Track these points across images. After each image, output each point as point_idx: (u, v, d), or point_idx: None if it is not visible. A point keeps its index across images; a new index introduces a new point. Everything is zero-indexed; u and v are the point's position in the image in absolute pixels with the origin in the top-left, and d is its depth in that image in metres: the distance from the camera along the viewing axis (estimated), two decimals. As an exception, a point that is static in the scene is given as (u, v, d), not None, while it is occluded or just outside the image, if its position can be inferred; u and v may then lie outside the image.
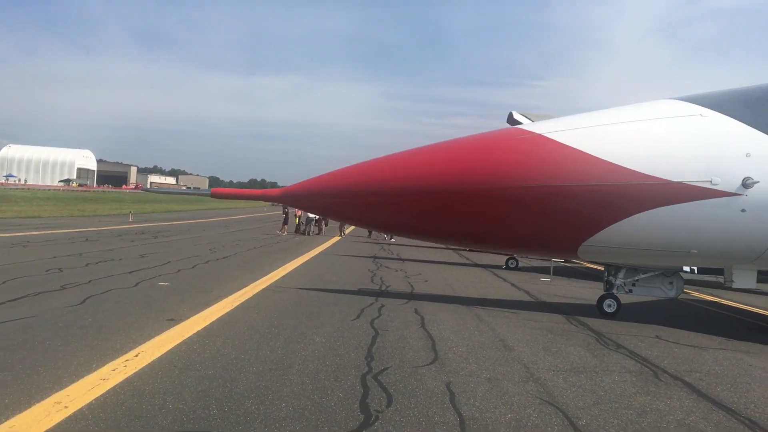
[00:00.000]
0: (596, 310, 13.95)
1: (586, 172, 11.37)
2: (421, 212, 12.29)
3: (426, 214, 12.27)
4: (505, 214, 11.87)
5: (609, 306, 13.84)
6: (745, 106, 11.79)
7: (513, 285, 19.17)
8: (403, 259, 25.98)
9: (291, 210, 40.80)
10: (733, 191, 11.09)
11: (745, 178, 11.04)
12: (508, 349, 9.76)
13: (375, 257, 26.22)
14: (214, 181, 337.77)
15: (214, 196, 14.98)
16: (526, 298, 16.48)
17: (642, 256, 12.67)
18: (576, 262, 28.14)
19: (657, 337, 11.73)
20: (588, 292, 18.29)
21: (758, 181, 11.02)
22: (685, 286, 14.68)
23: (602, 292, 14.22)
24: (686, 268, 14.06)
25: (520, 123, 13.95)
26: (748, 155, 11.15)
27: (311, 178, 13.40)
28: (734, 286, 13.13)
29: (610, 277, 14.13)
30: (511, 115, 13.91)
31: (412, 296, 15.08)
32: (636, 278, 13.94)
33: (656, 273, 13.85)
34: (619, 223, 11.45)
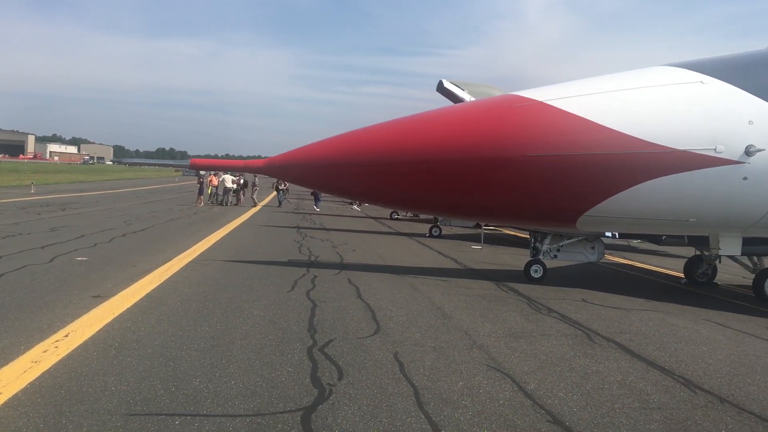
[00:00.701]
0: (524, 276, 14.30)
1: (591, 141, 10.93)
2: (426, 182, 11.75)
3: (430, 184, 11.77)
4: (507, 184, 11.39)
5: (536, 271, 14.22)
6: (745, 74, 11.56)
7: (439, 253, 19.40)
8: (328, 229, 25.80)
9: (206, 180, 39.68)
10: (736, 159, 10.81)
11: (748, 146, 10.77)
12: (447, 317, 9.85)
13: (298, 227, 25.91)
14: (119, 150, 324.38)
15: (192, 167, 14.85)
16: (454, 265, 16.71)
17: (639, 226, 12.46)
18: (496, 228, 28.82)
19: (583, 300, 12.15)
20: (512, 258, 18.76)
21: (761, 149, 10.77)
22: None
23: (529, 258, 14.58)
24: (608, 234, 14.57)
25: (451, 91, 13.97)
26: (750, 123, 10.87)
27: (299, 147, 12.76)
28: (720, 253, 12.97)
29: (537, 244, 14.51)
30: (441, 83, 13.86)
31: (342, 266, 14.99)
32: (561, 244, 14.38)
33: (580, 238, 14.33)
34: (622, 192, 11.11)
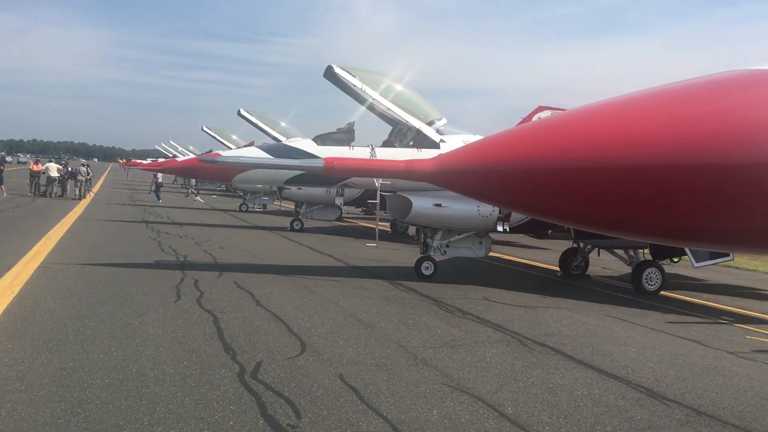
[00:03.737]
0: (415, 273, 13.78)
1: None
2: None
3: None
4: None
5: (426, 268, 13.74)
6: None
7: (312, 248, 18.39)
8: (180, 223, 23.70)
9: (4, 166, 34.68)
10: None
11: None
12: (368, 326, 9.00)
13: (146, 222, 23.59)
14: None
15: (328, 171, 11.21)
16: (335, 263, 15.83)
17: None
18: (352, 222, 28.26)
19: (485, 298, 11.85)
20: (388, 253, 18.23)
21: None
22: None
23: (419, 255, 14.09)
24: (498, 228, 14.38)
25: (340, 78, 13.04)
26: None
27: (473, 145, 9.55)
28: None
29: (427, 240, 14.06)
30: (330, 69, 12.90)
31: (220, 267, 13.55)
32: (450, 239, 14.04)
33: (469, 234, 14.07)
34: None
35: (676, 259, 16.58)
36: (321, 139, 13.01)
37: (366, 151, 12.77)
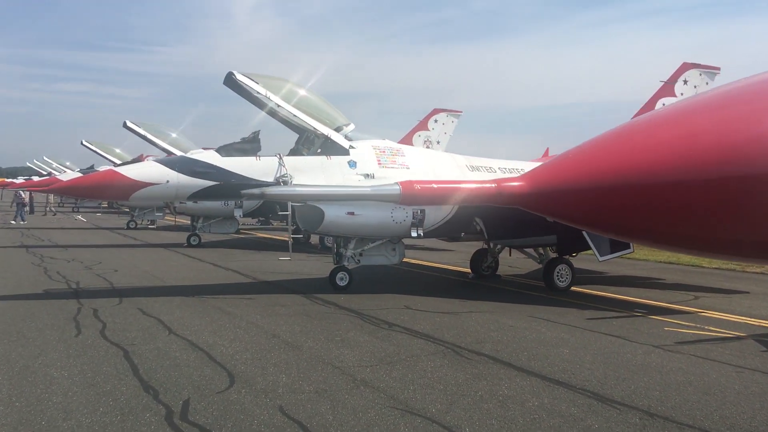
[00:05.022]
0: (330, 285, 13.28)
1: None
2: None
3: None
4: None
5: (341, 279, 13.26)
6: None
7: (215, 265, 17.48)
8: (65, 246, 21.93)
9: None
10: None
11: None
12: (294, 347, 8.45)
13: (25, 246, 21.68)
14: None
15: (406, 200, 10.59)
16: (243, 279, 15.06)
17: None
18: (249, 232, 27.35)
19: (407, 307, 11.56)
20: (296, 265, 17.62)
21: None
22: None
23: (333, 266, 13.61)
24: (413, 234, 14.12)
25: (242, 85, 12.28)
26: None
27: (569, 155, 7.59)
28: None
29: (341, 249, 13.60)
30: (231, 75, 12.11)
31: (119, 293, 12.49)
32: (364, 248, 13.65)
33: (383, 241, 13.75)
34: None
35: (575, 254, 17.01)
36: (225, 150, 12.24)
37: (275, 161, 12.15)
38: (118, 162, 28.22)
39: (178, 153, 19.15)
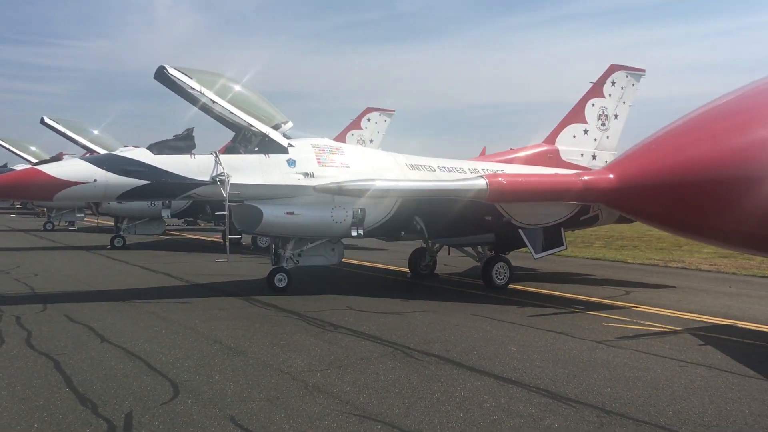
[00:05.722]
0: (267, 287, 12.93)
1: None
2: None
3: None
4: None
5: (280, 281, 12.94)
6: None
7: (144, 267, 16.76)
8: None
9: None
10: None
11: None
12: (238, 352, 8.12)
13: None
14: None
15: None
16: (175, 282, 14.47)
17: None
18: (176, 234, 26.49)
19: (349, 308, 11.37)
20: (230, 266, 17.12)
21: None
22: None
23: (271, 267, 13.27)
24: (353, 233, 13.88)
25: (174, 80, 11.74)
26: None
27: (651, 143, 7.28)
28: None
29: (279, 250, 13.27)
30: (163, 70, 11.52)
31: (42, 299, 11.75)
32: (303, 248, 13.35)
33: (322, 241, 13.49)
34: None
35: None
36: (157, 147, 11.65)
37: (211, 159, 11.69)
38: (34, 160, 26.75)
39: (102, 151, 18.24)
